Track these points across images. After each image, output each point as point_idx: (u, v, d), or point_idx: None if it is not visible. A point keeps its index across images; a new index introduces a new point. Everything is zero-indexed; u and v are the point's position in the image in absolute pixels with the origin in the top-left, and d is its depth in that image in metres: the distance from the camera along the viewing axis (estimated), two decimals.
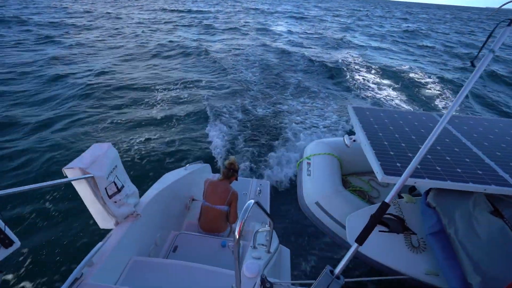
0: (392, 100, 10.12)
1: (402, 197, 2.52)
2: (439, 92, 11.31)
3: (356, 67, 13.67)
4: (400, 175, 2.10)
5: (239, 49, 15.79)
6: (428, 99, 10.58)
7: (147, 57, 13.64)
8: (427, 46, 21.02)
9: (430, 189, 2.24)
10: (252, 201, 1.44)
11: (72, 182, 1.92)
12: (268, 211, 3.55)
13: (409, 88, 11.54)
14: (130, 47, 15.11)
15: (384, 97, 10.34)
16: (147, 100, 8.67)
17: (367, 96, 10.23)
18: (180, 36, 18.46)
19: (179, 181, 3.20)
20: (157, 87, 9.73)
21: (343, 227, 2.54)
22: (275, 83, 10.95)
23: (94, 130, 6.63)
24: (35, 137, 6.17)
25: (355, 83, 11.41)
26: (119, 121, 7.20)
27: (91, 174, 1.93)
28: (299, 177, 3.26)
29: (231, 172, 3.00)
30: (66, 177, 1.91)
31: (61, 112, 7.44)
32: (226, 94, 9.53)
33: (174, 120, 7.42)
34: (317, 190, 2.85)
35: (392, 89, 11.32)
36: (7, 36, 15.57)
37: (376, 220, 1.33)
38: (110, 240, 2.11)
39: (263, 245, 2.16)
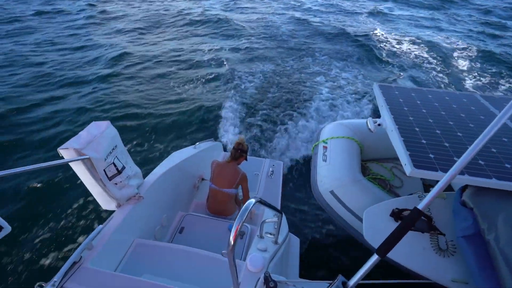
0: (426, 76, 9.32)
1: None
2: (475, 67, 10.27)
3: (386, 37, 12.65)
4: (432, 169, 1.81)
5: (262, 17, 15.09)
6: (465, 75, 9.65)
7: (168, 25, 13.37)
8: (461, 14, 19.01)
9: (466, 185, 1.94)
10: (253, 200, 1.24)
11: (69, 163, 1.81)
12: (280, 194, 3.36)
13: (444, 62, 10.56)
14: (152, 15, 14.86)
15: (416, 71, 9.53)
16: (167, 68, 8.52)
17: (396, 70, 9.49)
18: (200, 4, 17.86)
19: (188, 160, 3.06)
20: (177, 56, 9.55)
21: (360, 220, 2.32)
22: (299, 50, 10.45)
23: (106, 100, 6.60)
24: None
25: (384, 55, 10.59)
26: (134, 90, 7.14)
27: (87, 156, 1.80)
28: (313, 162, 3.01)
29: (239, 153, 2.81)
30: (62, 157, 1.80)
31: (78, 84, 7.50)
32: (247, 61, 9.24)
33: (191, 90, 7.26)
34: (333, 177, 2.60)
35: (425, 62, 10.41)
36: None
37: (404, 230, 1.09)
38: (111, 223, 2.02)
39: (271, 234, 2.00)
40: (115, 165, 2.03)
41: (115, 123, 3.75)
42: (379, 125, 2.50)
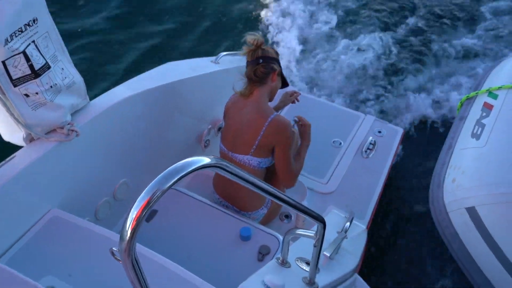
0: None
1: None
2: None
3: None
4: None
5: None
6: None
7: None
8: None
9: None
10: None
11: None
12: (379, 193, 1.85)
13: None
14: None
15: None
16: None
17: None
18: None
19: (193, 83, 1.67)
20: None
21: None
22: None
23: None
24: None
25: None
26: None
27: None
28: (450, 136, 1.63)
29: (262, 66, 1.33)
30: None
31: None
32: None
33: None
34: (487, 179, 1.31)
35: None
36: None
37: None
38: (8, 169, 1.09)
39: (306, 262, 0.98)
40: (27, 58, 1.03)
41: None
42: None
